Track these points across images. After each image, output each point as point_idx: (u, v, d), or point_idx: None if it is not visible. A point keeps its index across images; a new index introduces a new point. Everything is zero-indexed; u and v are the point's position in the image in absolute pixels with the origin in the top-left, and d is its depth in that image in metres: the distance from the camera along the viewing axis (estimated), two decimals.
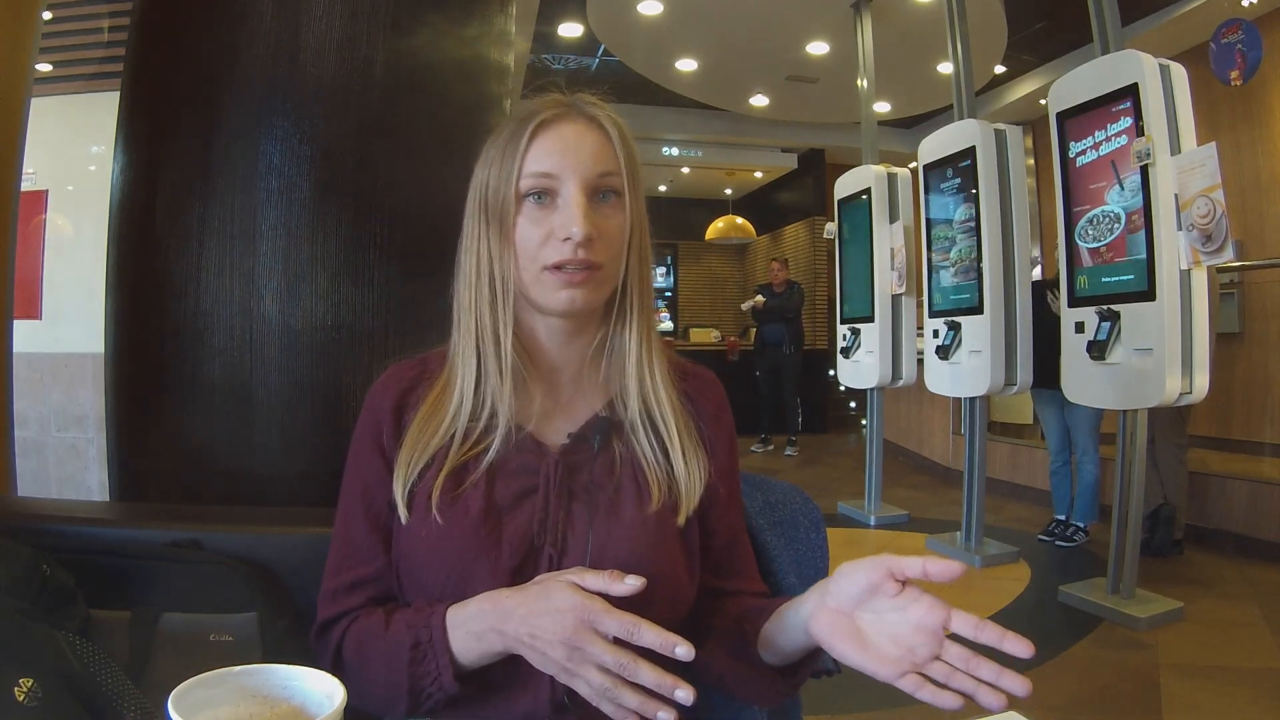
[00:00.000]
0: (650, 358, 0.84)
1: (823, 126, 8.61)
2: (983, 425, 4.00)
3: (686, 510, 0.81)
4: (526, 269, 0.80)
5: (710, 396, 0.89)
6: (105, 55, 2.92)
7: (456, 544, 0.77)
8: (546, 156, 0.79)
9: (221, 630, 0.97)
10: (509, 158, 0.80)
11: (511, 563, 0.77)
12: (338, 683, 0.57)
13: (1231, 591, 3.32)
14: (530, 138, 0.79)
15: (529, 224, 0.79)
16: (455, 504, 0.78)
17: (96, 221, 1.71)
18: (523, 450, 0.81)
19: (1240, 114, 5.59)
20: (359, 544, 0.83)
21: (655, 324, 0.87)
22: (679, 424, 0.84)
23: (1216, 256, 2.75)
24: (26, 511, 1.21)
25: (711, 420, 0.88)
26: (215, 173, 1.39)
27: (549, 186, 0.79)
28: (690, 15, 5.92)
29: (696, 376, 0.90)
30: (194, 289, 1.38)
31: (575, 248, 0.77)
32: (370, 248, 1.41)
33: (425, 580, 0.79)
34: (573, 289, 0.78)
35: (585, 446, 0.82)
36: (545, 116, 0.80)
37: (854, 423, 8.97)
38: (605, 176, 0.80)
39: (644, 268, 0.84)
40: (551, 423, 0.84)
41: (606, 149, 0.81)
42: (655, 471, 0.81)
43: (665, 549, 0.80)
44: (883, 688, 0.70)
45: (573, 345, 0.85)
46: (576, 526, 0.79)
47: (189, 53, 1.43)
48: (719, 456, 0.86)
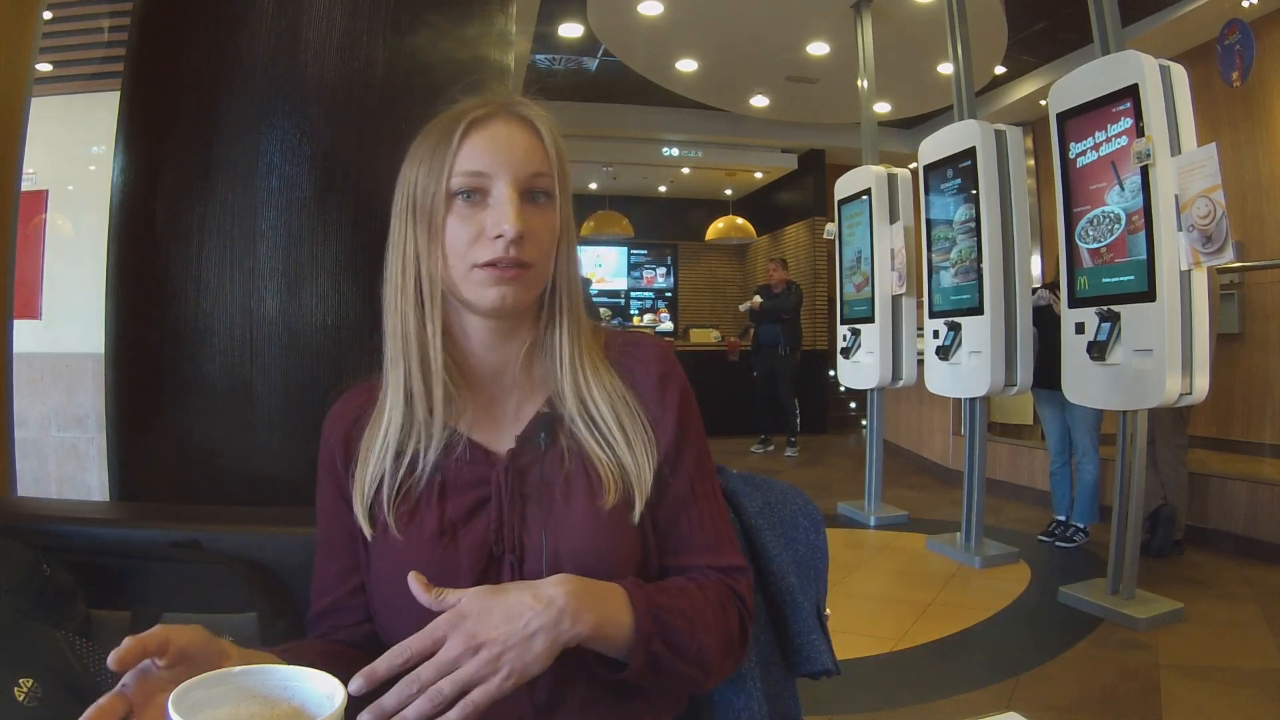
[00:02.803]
0: (582, 354, 0.83)
1: (823, 127, 8.61)
2: (983, 426, 4.00)
3: (641, 502, 0.80)
4: (456, 267, 0.79)
5: (652, 365, 0.86)
6: (105, 55, 2.92)
7: (415, 563, 0.75)
8: (478, 155, 0.78)
9: (221, 630, 0.97)
10: (439, 156, 0.79)
11: (472, 576, 0.77)
12: (338, 683, 0.57)
13: (1231, 592, 3.32)
14: (462, 136, 0.79)
15: (459, 222, 0.78)
16: (411, 523, 0.78)
17: (96, 221, 1.70)
18: (472, 462, 0.81)
19: (1240, 114, 5.59)
20: (324, 575, 0.85)
21: (584, 319, 0.85)
22: (619, 414, 0.82)
23: (1217, 257, 2.75)
24: (26, 511, 1.21)
25: (655, 388, 0.85)
26: (215, 172, 1.39)
27: (480, 185, 0.78)
28: (690, 15, 5.92)
29: (637, 346, 0.88)
30: (194, 289, 1.38)
31: (507, 245, 0.76)
32: (370, 248, 1.40)
33: (392, 601, 0.78)
34: (503, 286, 0.77)
35: (532, 447, 0.81)
36: (477, 115, 0.80)
37: (854, 423, 8.97)
38: (536, 177, 0.79)
39: (572, 267, 0.84)
40: (496, 429, 0.83)
41: (538, 149, 0.80)
42: (605, 466, 0.80)
43: (621, 539, 0.79)
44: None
45: (506, 347, 0.84)
46: (532, 530, 0.78)
47: (189, 52, 1.43)
48: (664, 425, 0.84)
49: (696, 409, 0.87)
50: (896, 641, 2.87)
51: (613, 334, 0.89)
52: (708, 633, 0.76)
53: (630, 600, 0.73)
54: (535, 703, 0.75)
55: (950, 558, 3.92)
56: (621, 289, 11.53)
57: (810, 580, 0.98)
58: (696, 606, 0.77)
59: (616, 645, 0.72)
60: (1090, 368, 3.08)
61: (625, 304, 11.49)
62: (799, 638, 0.94)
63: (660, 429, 0.83)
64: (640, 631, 0.72)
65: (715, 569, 0.83)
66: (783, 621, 0.95)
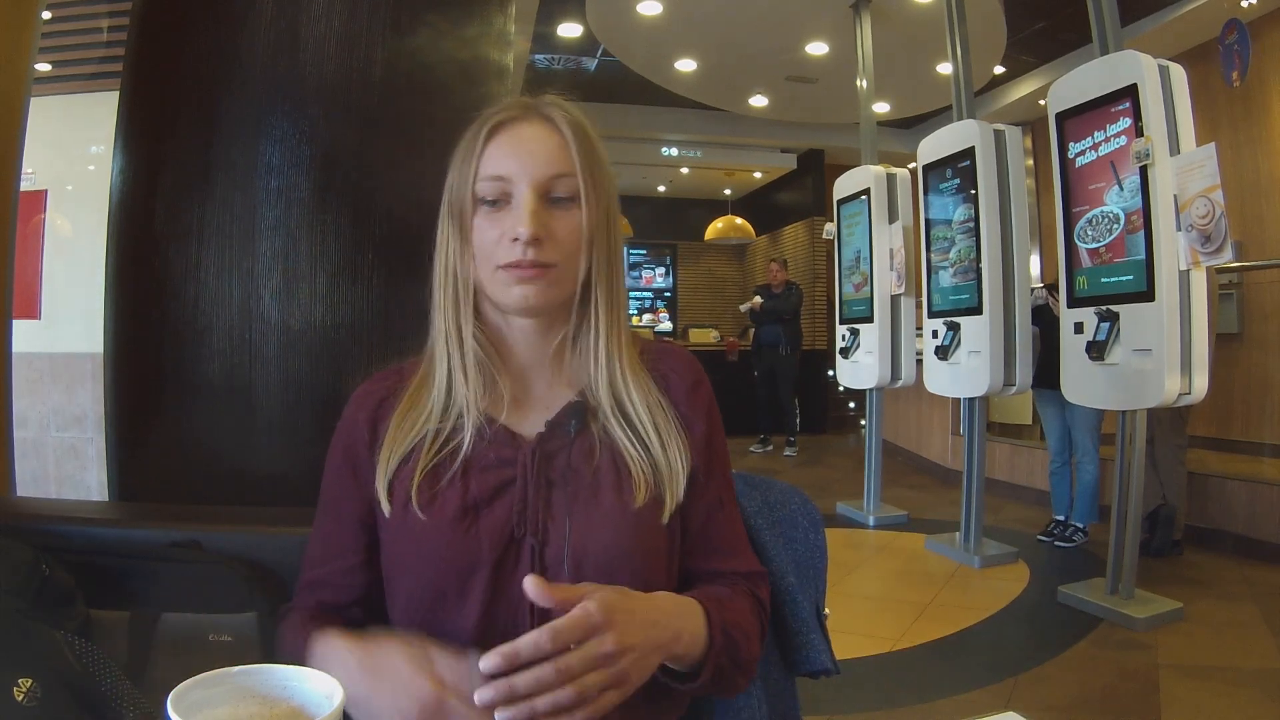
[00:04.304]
0: (619, 353, 0.84)
1: (822, 127, 8.61)
2: (982, 426, 4.00)
3: (672, 504, 0.80)
4: (483, 268, 0.81)
5: (684, 373, 0.88)
6: (105, 55, 2.92)
7: (436, 544, 0.77)
8: (500, 159, 0.80)
9: (221, 630, 0.97)
10: (467, 161, 0.82)
11: (491, 557, 0.77)
12: (337, 683, 0.57)
13: (1231, 592, 3.32)
14: (486, 141, 0.81)
15: (485, 225, 0.81)
16: (433, 503, 0.79)
17: (96, 221, 1.70)
18: (497, 443, 0.81)
19: (1240, 114, 5.59)
20: (319, 547, 0.86)
21: (624, 320, 0.87)
22: (653, 413, 0.83)
23: (1216, 257, 2.75)
24: (26, 511, 1.21)
25: (687, 396, 0.87)
26: (215, 172, 1.39)
27: (503, 189, 0.80)
28: (690, 15, 5.92)
29: (670, 354, 0.90)
30: (193, 289, 1.38)
31: (524, 248, 0.78)
32: (369, 248, 1.41)
33: (409, 580, 0.79)
34: (525, 285, 0.79)
35: (561, 433, 0.82)
36: (500, 119, 0.82)
37: (853, 423, 8.98)
38: (558, 178, 0.80)
39: (611, 266, 0.84)
40: (526, 416, 0.84)
41: (561, 151, 0.81)
42: (638, 464, 0.80)
43: (649, 539, 0.80)
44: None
45: (540, 342, 0.85)
46: (556, 515, 0.78)
47: (189, 53, 1.43)
48: (695, 431, 0.85)
49: (721, 419, 0.90)
50: (896, 641, 2.87)
51: (646, 342, 0.91)
52: (755, 643, 0.81)
53: (707, 616, 0.76)
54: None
55: (949, 557, 3.92)
56: None
57: (809, 580, 0.98)
58: (747, 618, 0.81)
59: (691, 659, 0.75)
60: (1089, 367, 3.09)
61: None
62: (798, 637, 0.95)
63: (692, 434, 0.85)
64: (715, 646, 0.75)
65: (740, 574, 0.86)
66: (782, 621, 0.95)
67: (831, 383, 7.68)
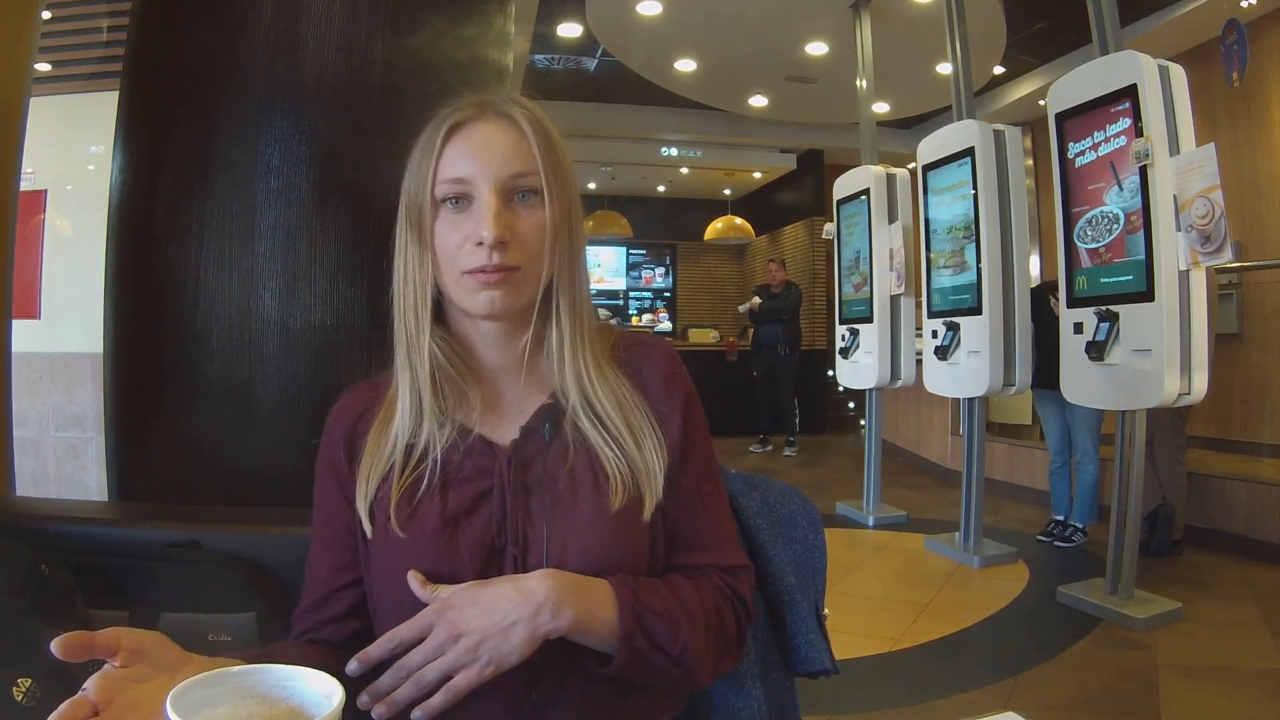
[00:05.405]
0: (585, 351, 0.82)
1: (822, 127, 8.61)
2: (981, 426, 4.00)
3: (652, 502, 0.79)
4: (447, 273, 0.79)
5: (658, 363, 0.86)
6: (104, 55, 2.92)
7: (417, 560, 0.76)
8: (459, 161, 0.78)
9: (220, 630, 0.97)
10: (424, 163, 0.79)
11: (474, 568, 0.76)
12: (336, 683, 0.57)
13: (1231, 592, 3.32)
14: (443, 142, 0.79)
15: (447, 229, 0.79)
16: (413, 519, 0.78)
17: (96, 221, 1.70)
18: (474, 453, 0.80)
19: (1239, 114, 5.59)
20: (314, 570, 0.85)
21: (588, 318, 0.85)
22: (625, 412, 0.82)
23: (1215, 257, 2.75)
24: (26, 511, 1.21)
25: (661, 388, 0.85)
26: (215, 173, 1.39)
27: (463, 191, 0.78)
28: (689, 16, 5.92)
29: (643, 345, 0.88)
30: (193, 289, 1.38)
31: (489, 252, 0.76)
32: (369, 248, 1.41)
33: (392, 598, 0.78)
34: (491, 290, 0.77)
35: (536, 438, 0.81)
36: (458, 119, 0.79)
37: (853, 423, 8.98)
38: (520, 177, 0.78)
39: (573, 263, 0.83)
40: (500, 423, 0.83)
41: (521, 148, 0.79)
42: (613, 465, 0.79)
43: (629, 540, 0.79)
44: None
45: (508, 346, 0.83)
46: (535, 522, 0.78)
47: (188, 53, 1.43)
48: (671, 425, 0.84)
49: (701, 409, 0.87)
50: (895, 641, 2.87)
51: (621, 335, 0.89)
52: (695, 633, 0.76)
53: (616, 597, 0.73)
54: (534, 697, 0.75)
55: (949, 557, 3.92)
56: (620, 289, 11.54)
57: (809, 580, 0.98)
58: (687, 606, 0.77)
59: (601, 640, 0.73)
60: (1089, 368, 3.09)
61: (624, 304, 11.50)
62: (797, 638, 0.95)
63: (667, 428, 0.83)
64: (624, 628, 0.72)
65: (717, 568, 0.83)
66: (781, 621, 0.95)
67: (831, 383, 7.68)
